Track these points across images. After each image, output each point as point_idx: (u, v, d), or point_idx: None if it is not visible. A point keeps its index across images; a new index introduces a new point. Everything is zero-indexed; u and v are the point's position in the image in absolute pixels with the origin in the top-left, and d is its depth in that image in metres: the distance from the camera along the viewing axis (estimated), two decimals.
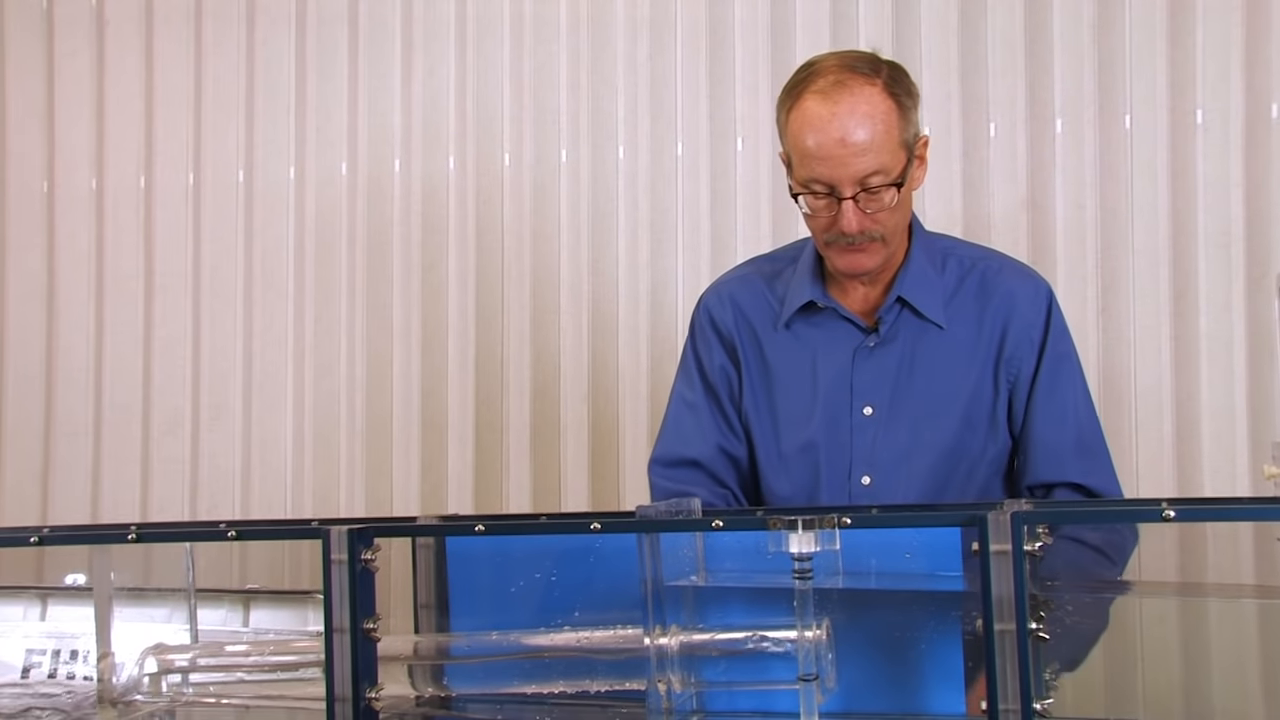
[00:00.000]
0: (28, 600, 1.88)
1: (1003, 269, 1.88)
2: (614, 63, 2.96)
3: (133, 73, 3.24)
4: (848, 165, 1.69)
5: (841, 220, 1.72)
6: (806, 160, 1.72)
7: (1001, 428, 1.85)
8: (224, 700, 1.53)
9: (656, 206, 2.93)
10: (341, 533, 1.30)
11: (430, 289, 3.06)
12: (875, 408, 1.83)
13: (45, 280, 3.28)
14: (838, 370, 1.85)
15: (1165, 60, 2.65)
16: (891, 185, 1.71)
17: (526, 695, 1.39)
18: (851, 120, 1.68)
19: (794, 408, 1.87)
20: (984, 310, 1.84)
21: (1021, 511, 1.19)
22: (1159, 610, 1.76)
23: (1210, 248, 2.64)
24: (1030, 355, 1.83)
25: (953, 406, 1.82)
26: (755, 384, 1.91)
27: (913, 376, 1.83)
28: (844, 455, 1.84)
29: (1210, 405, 2.63)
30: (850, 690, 1.30)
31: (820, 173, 1.70)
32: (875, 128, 1.69)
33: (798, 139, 1.73)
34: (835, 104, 1.70)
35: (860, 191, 1.70)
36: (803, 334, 1.89)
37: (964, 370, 1.83)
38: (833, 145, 1.69)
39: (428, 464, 3.06)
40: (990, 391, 1.83)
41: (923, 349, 1.84)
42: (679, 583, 1.34)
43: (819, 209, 1.74)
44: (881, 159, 1.69)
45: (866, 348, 1.85)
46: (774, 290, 1.93)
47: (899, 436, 1.82)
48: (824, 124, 1.69)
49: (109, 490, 3.24)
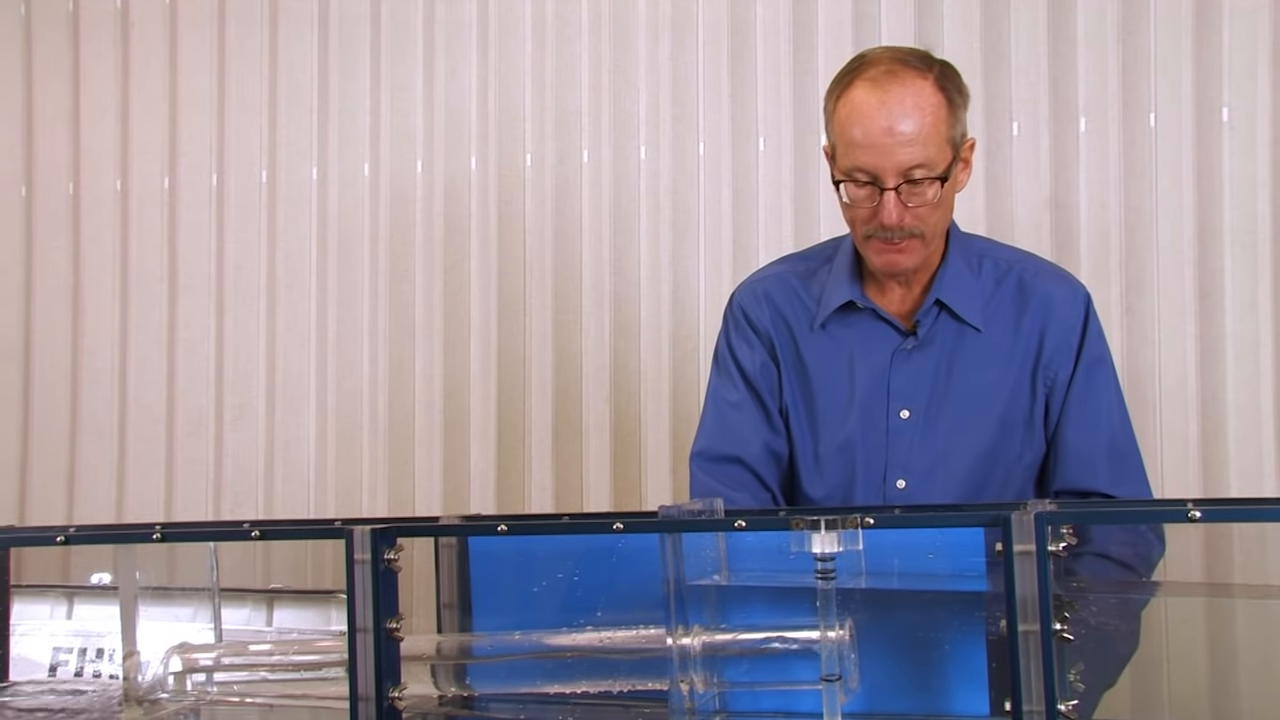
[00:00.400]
0: (54, 599, 1.90)
1: (1039, 272, 1.86)
2: (636, 62, 2.96)
3: (157, 75, 3.26)
4: (893, 155, 1.67)
5: (882, 212, 1.69)
6: (852, 148, 1.69)
7: (1038, 432, 1.82)
8: (248, 699, 1.53)
9: (678, 206, 2.93)
10: (365, 532, 1.30)
11: (452, 289, 3.07)
12: (912, 411, 1.81)
13: (71, 281, 3.31)
14: (875, 372, 1.83)
15: (1190, 58, 2.63)
16: (935, 180, 1.69)
17: (549, 695, 1.39)
18: (900, 110, 1.67)
19: (830, 409, 1.85)
20: (1022, 314, 1.82)
21: (1045, 512, 1.18)
22: (1185, 612, 1.75)
23: (1236, 246, 2.62)
24: (1068, 360, 1.81)
25: (990, 411, 1.80)
26: (793, 383, 1.89)
27: (950, 380, 1.81)
28: (879, 458, 1.82)
29: (1236, 405, 2.61)
30: (873, 691, 1.30)
31: (865, 161, 1.68)
32: (924, 120, 1.67)
33: (844, 126, 1.71)
34: (885, 93, 1.68)
35: (903, 183, 1.68)
36: (839, 335, 1.86)
37: (1001, 374, 1.81)
38: (879, 133, 1.67)
39: (450, 463, 3.07)
40: (1028, 396, 1.81)
41: (960, 352, 1.82)
42: (701, 582, 1.33)
43: (860, 199, 1.71)
44: (927, 152, 1.68)
45: (905, 350, 1.83)
46: (809, 289, 1.90)
47: (935, 440, 1.80)
48: (872, 112, 1.68)
49: (133, 490, 3.26)
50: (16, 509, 3.30)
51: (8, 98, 3.33)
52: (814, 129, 2.85)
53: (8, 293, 3.33)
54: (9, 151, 3.33)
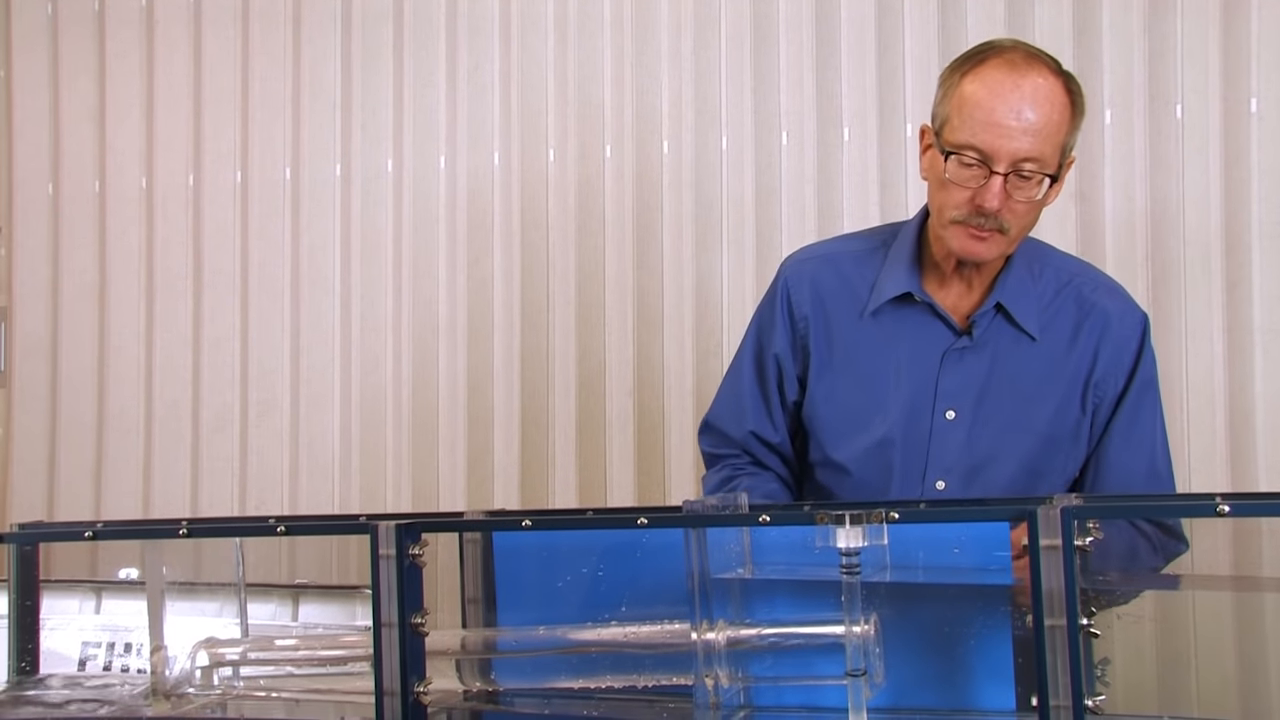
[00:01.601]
0: (83, 594, 1.91)
1: (1099, 287, 1.83)
2: (658, 57, 2.96)
3: (181, 73, 3.27)
4: (1012, 139, 1.64)
5: (985, 194, 1.66)
6: (972, 123, 1.66)
7: (1081, 447, 1.80)
8: (274, 694, 1.54)
9: (701, 201, 2.92)
10: (389, 528, 1.31)
11: (475, 285, 3.08)
12: (958, 412, 1.79)
13: (97, 279, 3.33)
14: (924, 369, 1.80)
15: (1218, 48, 2.61)
16: (1043, 177, 1.67)
17: (573, 690, 1.39)
18: (1032, 98, 1.65)
19: (871, 400, 1.82)
20: (1079, 327, 1.79)
21: (1072, 506, 1.18)
22: (1213, 606, 1.74)
23: (1264, 238, 2.59)
24: (1119, 379, 1.79)
25: (1037, 421, 1.78)
26: (830, 372, 1.86)
27: (1000, 386, 1.79)
28: (920, 457, 1.79)
29: (1264, 398, 2.58)
30: (898, 686, 1.29)
31: (983, 140, 1.65)
32: (1051, 116, 1.66)
33: (971, 101, 1.67)
34: (1021, 77, 1.66)
35: (1012, 172, 1.65)
36: (890, 326, 1.83)
37: (1052, 386, 1.78)
38: (1006, 113, 1.64)
39: (473, 459, 3.08)
40: (1077, 410, 1.79)
41: (1013, 359, 1.79)
42: (725, 576, 1.33)
43: (964, 178, 1.67)
44: (1044, 148, 1.66)
45: (956, 350, 1.80)
46: (862, 274, 1.86)
47: (979, 445, 1.78)
48: (1005, 92, 1.65)
49: (160, 486, 3.28)
50: (45, 505, 3.32)
51: (34, 96, 3.35)
52: (836, 123, 2.85)
53: (35, 290, 3.35)
54: (36, 150, 3.36)
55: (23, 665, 1.58)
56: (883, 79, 2.81)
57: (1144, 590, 1.59)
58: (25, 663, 1.58)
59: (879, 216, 2.75)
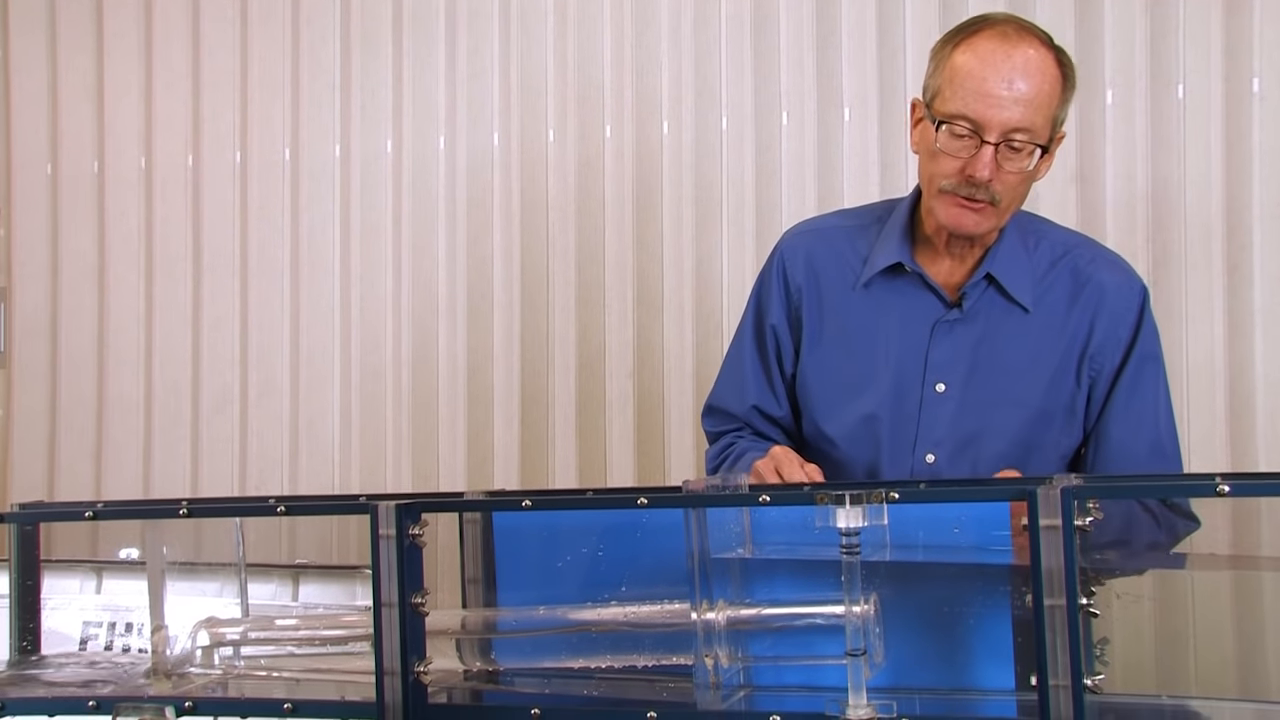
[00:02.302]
0: (84, 573, 1.92)
1: (1096, 259, 1.82)
2: (658, 37, 2.95)
3: (180, 52, 3.26)
4: (1004, 109, 1.65)
5: (976, 164, 1.67)
6: (963, 93, 1.67)
7: (1078, 422, 1.79)
8: (274, 673, 1.54)
9: (701, 182, 2.92)
10: (389, 508, 1.31)
11: (475, 265, 3.07)
12: (948, 385, 1.78)
13: (96, 260, 3.32)
14: (914, 341, 1.80)
15: (1220, 27, 2.60)
16: (1034, 148, 1.67)
17: (573, 670, 1.39)
18: (1023, 69, 1.66)
19: (862, 372, 1.83)
20: (1074, 300, 1.78)
21: (1071, 486, 1.18)
22: (1212, 586, 1.74)
23: (1265, 219, 2.59)
24: (1116, 352, 1.78)
25: (1030, 395, 1.77)
26: (822, 344, 1.86)
27: (991, 358, 1.78)
28: (909, 429, 1.79)
29: (1265, 379, 2.58)
30: (898, 665, 1.30)
31: (974, 109, 1.66)
32: (1042, 86, 1.67)
33: (962, 72, 1.68)
34: (1013, 48, 1.67)
35: (1003, 143, 1.66)
36: (882, 298, 1.83)
37: (1046, 358, 1.78)
38: (997, 82, 1.65)
39: (473, 439, 3.08)
40: (1071, 384, 1.78)
41: (1004, 331, 1.78)
42: (725, 555, 1.33)
43: (955, 148, 1.68)
44: (1035, 119, 1.66)
45: (946, 322, 1.79)
46: (855, 247, 1.87)
47: (969, 418, 1.77)
48: (997, 62, 1.66)
49: (160, 466, 3.28)
50: (46, 485, 3.33)
51: (32, 76, 3.34)
52: (837, 103, 2.84)
53: (34, 271, 3.35)
54: (34, 130, 3.35)
55: (24, 645, 1.58)
56: (883, 59, 2.81)
57: (1144, 569, 1.59)
58: (26, 642, 1.58)
59: (879, 197, 2.75)
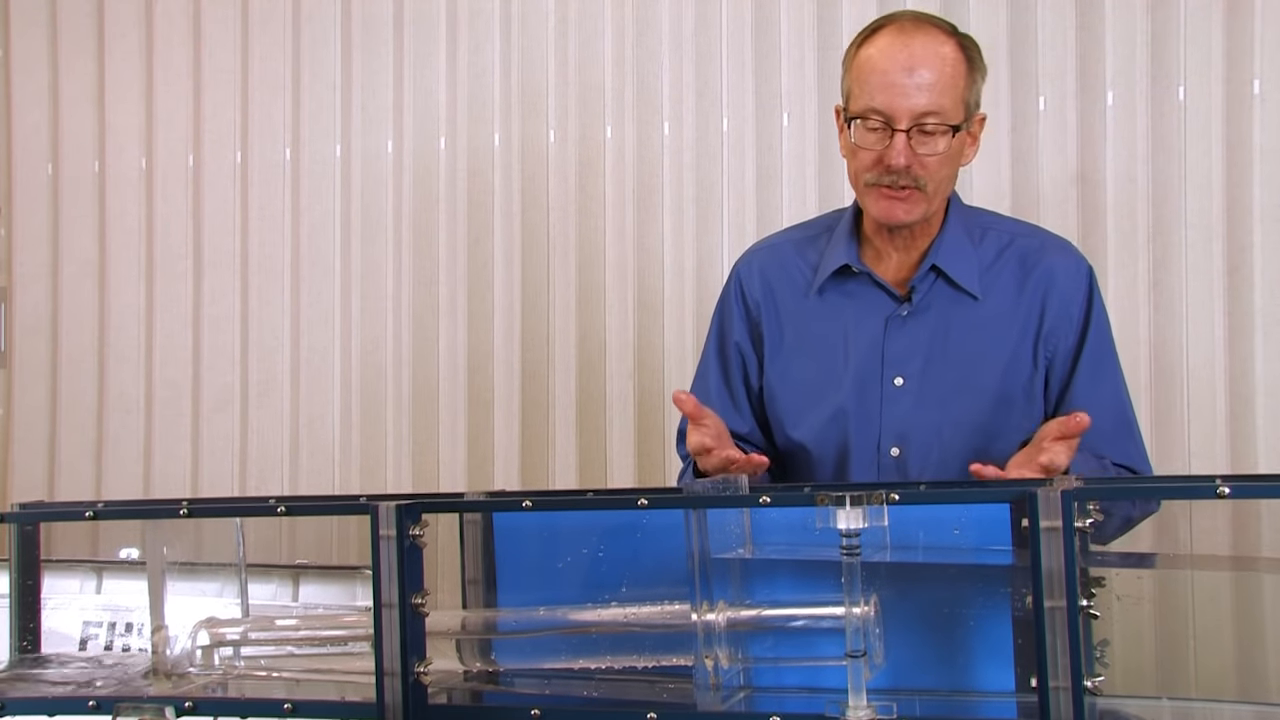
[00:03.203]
0: (84, 573, 1.92)
1: (1044, 245, 1.86)
2: (659, 38, 2.95)
3: (180, 52, 3.26)
4: (909, 97, 1.70)
5: (891, 153, 1.72)
6: (869, 88, 1.73)
7: (1038, 403, 1.82)
8: (274, 673, 1.54)
9: (701, 182, 2.92)
10: (389, 508, 1.31)
11: (475, 265, 3.07)
12: (906, 378, 1.82)
13: (96, 259, 3.32)
14: (869, 339, 1.84)
15: (1221, 29, 2.60)
16: (947, 130, 1.71)
17: (573, 670, 1.39)
18: (922, 55, 1.71)
19: (824, 375, 1.86)
20: (1023, 284, 1.82)
21: (1072, 489, 1.18)
22: (1212, 588, 1.75)
23: (1266, 221, 2.59)
24: (1070, 331, 1.81)
25: (987, 380, 1.80)
26: (783, 353, 1.90)
27: (946, 348, 1.81)
28: (873, 425, 1.82)
29: (1265, 382, 2.58)
30: (898, 666, 1.30)
31: (880, 101, 1.71)
32: (943, 70, 1.72)
33: (864, 69, 1.74)
34: (910, 39, 1.73)
35: (914, 128, 1.71)
36: (835, 301, 1.88)
37: (1000, 344, 1.81)
38: (898, 72, 1.70)
39: (474, 440, 3.08)
40: (1029, 366, 1.81)
41: (957, 320, 1.82)
42: (725, 555, 1.34)
43: (869, 142, 1.73)
44: (942, 101, 1.71)
45: (899, 316, 1.83)
46: (806, 257, 1.92)
47: (930, 409, 1.81)
48: (894, 53, 1.72)
49: (160, 466, 3.28)
50: (46, 484, 3.33)
51: (33, 76, 3.34)
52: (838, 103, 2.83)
53: (35, 270, 3.35)
54: (35, 130, 3.35)
55: (24, 645, 1.58)
56: None
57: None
58: (26, 642, 1.59)
59: None
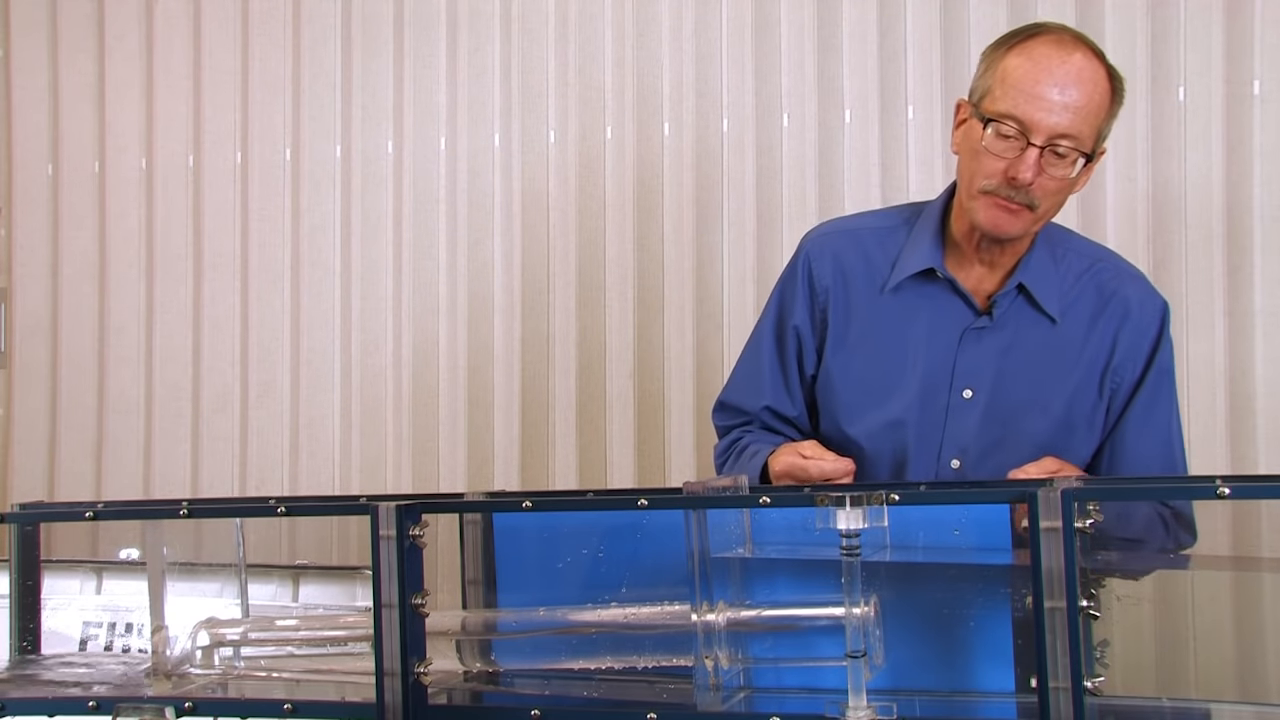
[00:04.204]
0: (84, 574, 1.92)
1: (1120, 273, 1.84)
2: (659, 39, 2.95)
3: (180, 53, 3.26)
4: (1053, 113, 1.66)
5: (1020, 165, 1.67)
6: (1014, 94, 1.68)
7: (1096, 433, 1.81)
8: (274, 674, 1.54)
9: (702, 183, 2.92)
10: (390, 509, 1.31)
11: (475, 266, 3.07)
12: (975, 391, 1.79)
13: (96, 260, 3.32)
14: (943, 347, 1.80)
15: (1221, 29, 2.60)
16: (1078, 155, 1.68)
17: (573, 671, 1.39)
18: (1076, 76, 1.67)
19: (888, 376, 1.83)
20: (1099, 313, 1.80)
21: (1072, 489, 1.18)
22: (1213, 588, 1.74)
23: (1266, 221, 2.59)
24: (1136, 366, 1.80)
25: (1054, 403, 1.78)
26: (847, 346, 1.86)
27: (1018, 366, 1.79)
28: (935, 435, 1.79)
29: (1265, 381, 2.58)
30: (898, 667, 1.30)
31: (1024, 111, 1.67)
32: (1091, 97, 1.68)
33: (1015, 72, 1.69)
34: (1068, 55, 1.68)
35: (1048, 147, 1.67)
36: (911, 302, 1.83)
37: (1070, 369, 1.79)
38: (1049, 86, 1.66)
39: (474, 440, 3.08)
40: (1094, 395, 1.79)
41: (1031, 340, 1.79)
42: (725, 555, 1.33)
43: (1000, 148, 1.68)
44: (1082, 127, 1.67)
45: (976, 329, 1.80)
46: (884, 250, 1.86)
47: (995, 425, 1.78)
48: (1051, 66, 1.67)
49: (160, 467, 3.28)
50: (46, 485, 3.33)
51: (33, 76, 3.34)
52: (838, 105, 2.84)
53: (35, 271, 3.35)
54: (35, 130, 3.35)
55: (24, 645, 1.58)
56: (884, 61, 2.81)
57: (1144, 572, 1.59)
58: (26, 642, 1.59)
59: (880, 199, 2.75)
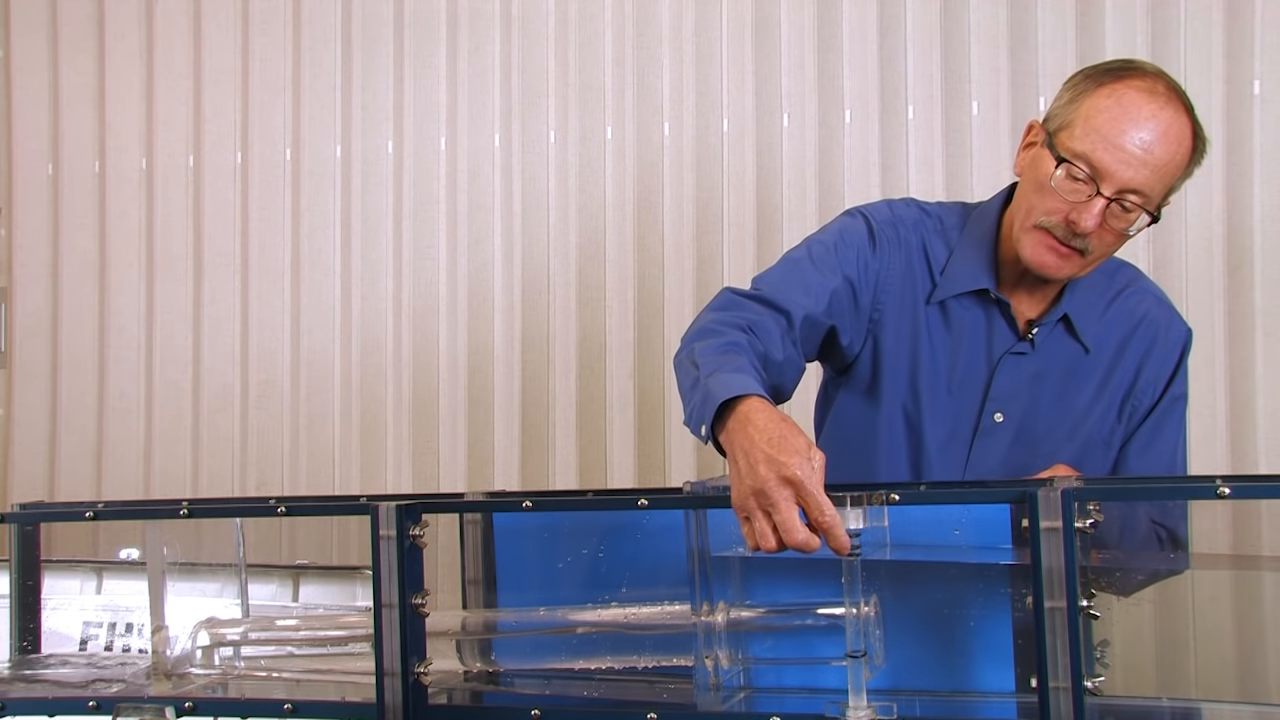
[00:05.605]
0: (84, 573, 1.92)
1: (1145, 297, 1.81)
2: (659, 39, 2.95)
3: (181, 53, 3.26)
4: (1130, 167, 1.59)
5: (1083, 213, 1.61)
6: (1095, 136, 1.60)
7: (1112, 455, 1.80)
8: (274, 674, 1.54)
9: (702, 184, 2.92)
10: (390, 509, 1.31)
11: (476, 266, 3.07)
12: (1006, 415, 1.77)
13: (97, 260, 3.32)
14: (979, 368, 1.77)
15: (1221, 29, 2.60)
16: (1143, 213, 1.62)
17: (573, 670, 1.40)
18: (1161, 132, 1.60)
19: (917, 388, 1.78)
20: (1127, 340, 1.78)
21: (1072, 489, 1.18)
22: (1212, 588, 1.75)
23: (1266, 222, 2.59)
24: (1154, 392, 1.79)
25: (1077, 429, 1.77)
26: (884, 344, 1.79)
27: (1049, 392, 1.77)
28: (961, 455, 1.77)
29: (1265, 381, 2.58)
30: (898, 667, 1.30)
31: (1100, 157, 1.59)
32: (1172, 155, 1.61)
33: (1101, 113, 1.61)
34: (1159, 109, 1.61)
35: (1115, 199, 1.60)
36: (955, 317, 1.78)
37: (1094, 394, 1.78)
38: (1133, 137, 1.59)
39: (474, 440, 3.08)
40: (1113, 420, 1.78)
41: (1064, 366, 1.77)
42: (725, 555, 1.34)
43: (1067, 190, 1.62)
44: (1155, 185, 1.61)
45: (1014, 354, 1.77)
46: (932, 251, 1.79)
47: (1021, 450, 1.76)
48: (1139, 116, 1.59)
49: (160, 466, 3.28)
50: (46, 485, 3.33)
51: (33, 76, 3.34)
52: (838, 105, 2.84)
53: (35, 271, 3.35)
54: (35, 131, 3.35)
55: (24, 645, 1.58)
56: (884, 62, 2.80)
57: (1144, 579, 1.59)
58: (27, 642, 1.59)
59: (880, 198, 2.75)
